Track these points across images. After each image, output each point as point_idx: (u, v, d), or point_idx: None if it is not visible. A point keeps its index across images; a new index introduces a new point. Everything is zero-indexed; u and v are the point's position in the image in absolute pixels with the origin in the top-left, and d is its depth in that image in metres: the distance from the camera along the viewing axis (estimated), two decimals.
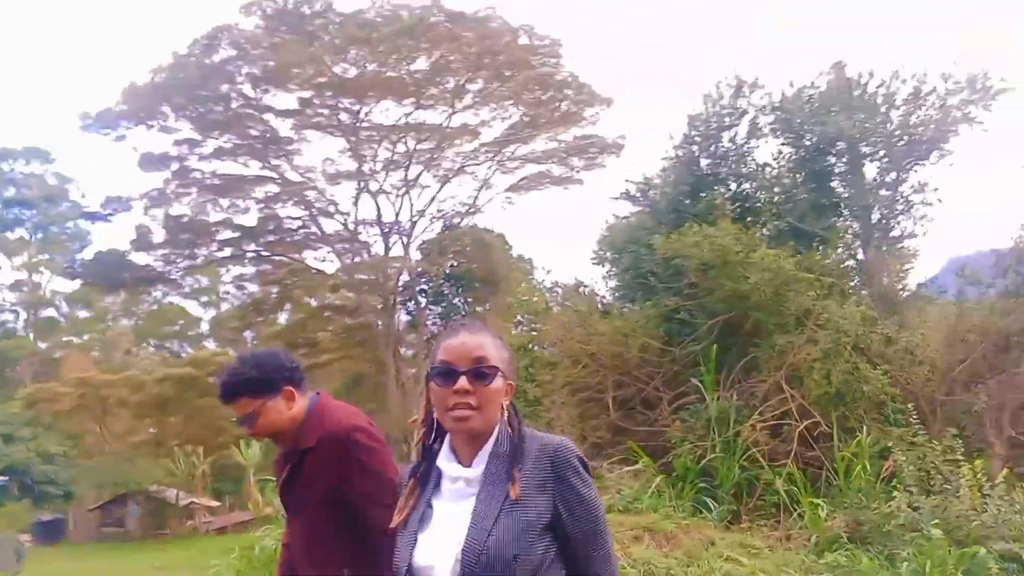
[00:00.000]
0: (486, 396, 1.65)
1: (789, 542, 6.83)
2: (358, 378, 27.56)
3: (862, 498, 6.87)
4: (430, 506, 1.71)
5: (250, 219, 26.48)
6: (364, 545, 2.36)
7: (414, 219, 25.57)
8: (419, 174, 25.70)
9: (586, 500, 1.63)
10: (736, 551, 6.42)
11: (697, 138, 10.80)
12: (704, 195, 10.74)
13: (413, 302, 26.61)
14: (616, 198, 11.55)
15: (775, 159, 11.23)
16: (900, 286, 10.10)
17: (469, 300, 25.74)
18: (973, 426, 7.93)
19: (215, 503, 35.38)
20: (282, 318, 29.44)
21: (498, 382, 1.67)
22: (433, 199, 25.73)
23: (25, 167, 51.89)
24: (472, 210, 26.93)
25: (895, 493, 6.61)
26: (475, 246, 25.77)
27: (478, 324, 1.77)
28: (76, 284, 51.15)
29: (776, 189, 11.04)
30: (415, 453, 1.88)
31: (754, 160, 11.02)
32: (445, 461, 1.70)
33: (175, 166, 25.08)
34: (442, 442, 1.74)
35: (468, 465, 1.69)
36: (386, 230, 25.52)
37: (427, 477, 1.74)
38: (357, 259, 25.19)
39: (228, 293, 44.35)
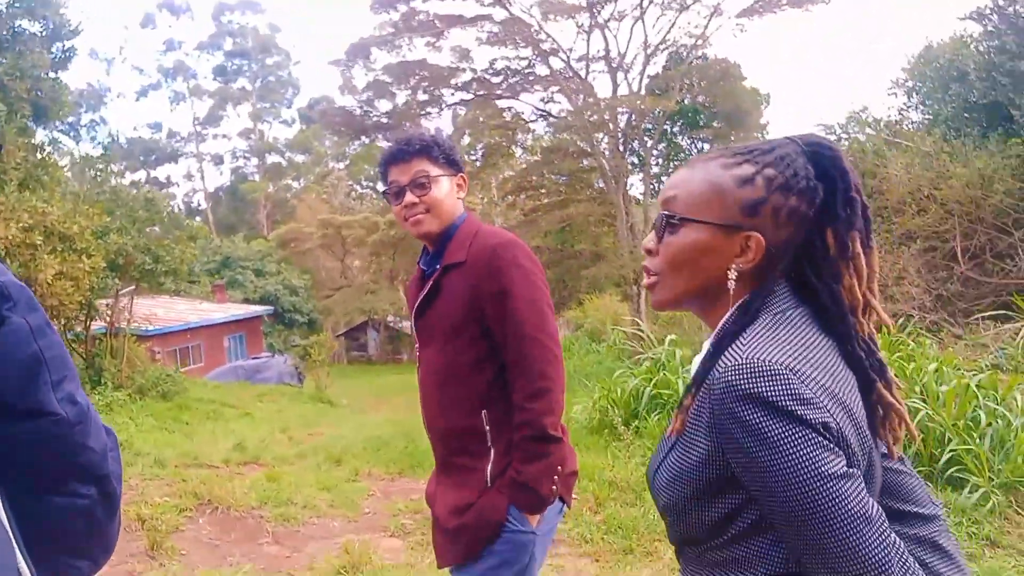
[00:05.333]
0: (667, 255, 1.12)
1: None
2: (571, 223, 27.59)
3: None
4: None
5: (475, 61, 26.31)
6: (506, 384, 1.96)
7: (649, 51, 24.17)
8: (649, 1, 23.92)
9: (752, 458, 0.97)
10: None
11: None
12: None
13: (638, 142, 25.82)
14: (964, 18, 9.93)
15: None
16: None
17: (702, 138, 24.47)
18: None
19: None
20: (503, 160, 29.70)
21: (694, 236, 1.09)
22: (673, 25, 23.91)
23: (240, 18, 54.81)
24: (701, 41, 24.97)
25: None
26: (709, 79, 24.10)
27: (712, 157, 1.15)
28: (294, 130, 55.13)
29: None
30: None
31: None
32: (707, 344, 1.16)
33: (403, 8, 25.12)
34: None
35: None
36: (614, 66, 24.43)
37: None
38: (589, 99, 24.50)
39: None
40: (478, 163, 27.74)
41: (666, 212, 1.12)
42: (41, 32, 11.75)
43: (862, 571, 0.94)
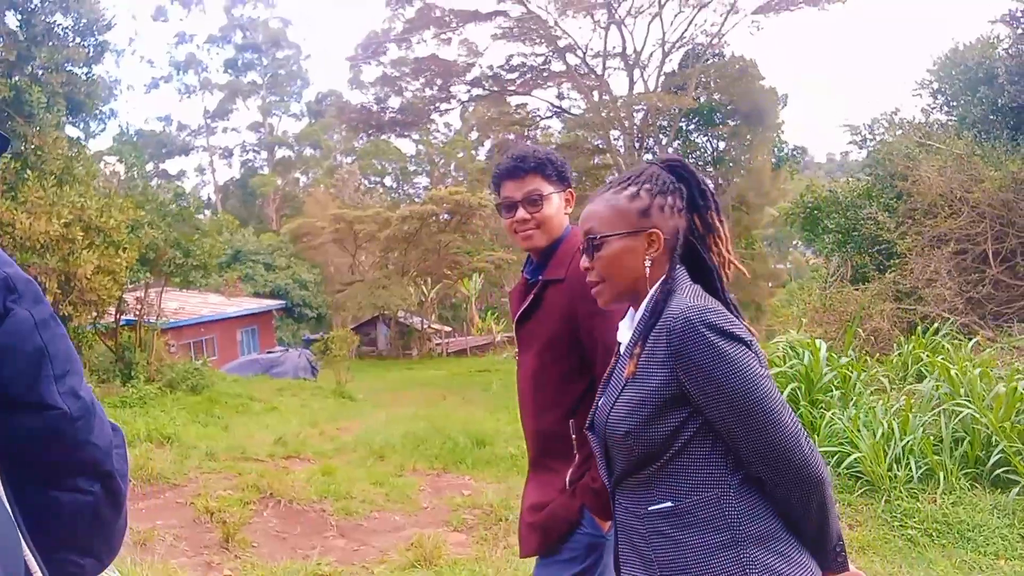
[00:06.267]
0: (602, 266, 1.54)
1: None
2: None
3: None
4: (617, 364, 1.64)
5: (485, 56, 26.25)
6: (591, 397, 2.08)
7: (667, 49, 24.17)
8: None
9: (707, 370, 1.35)
10: None
11: None
12: None
13: (653, 139, 25.85)
14: (994, 21, 9.98)
15: None
16: None
17: (718, 136, 24.42)
18: None
19: (447, 328, 38.68)
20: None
21: (615, 246, 1.51)
22: (690, 22, 23.89)
23: (252, 12, 54.78)
24: (717, 39, 24.97)
25: None
26: (727, 77, 24.07)
27: (605, 191, 1.58)
28: (302, 124, 55.16)
29: None
30: None
31: None
32: (627, 320, 1.60)
33: (418, 3, 25.15)
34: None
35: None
36: (630, 63, 24.44)
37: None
38: (605, 96, 24.52)
39: (438, 131, 45.97)
40: (485, 160, 27.73)
41: (591, 236, 1.52)
42: (74, 26, 11.85)
43: (786, 439, 1.35)
